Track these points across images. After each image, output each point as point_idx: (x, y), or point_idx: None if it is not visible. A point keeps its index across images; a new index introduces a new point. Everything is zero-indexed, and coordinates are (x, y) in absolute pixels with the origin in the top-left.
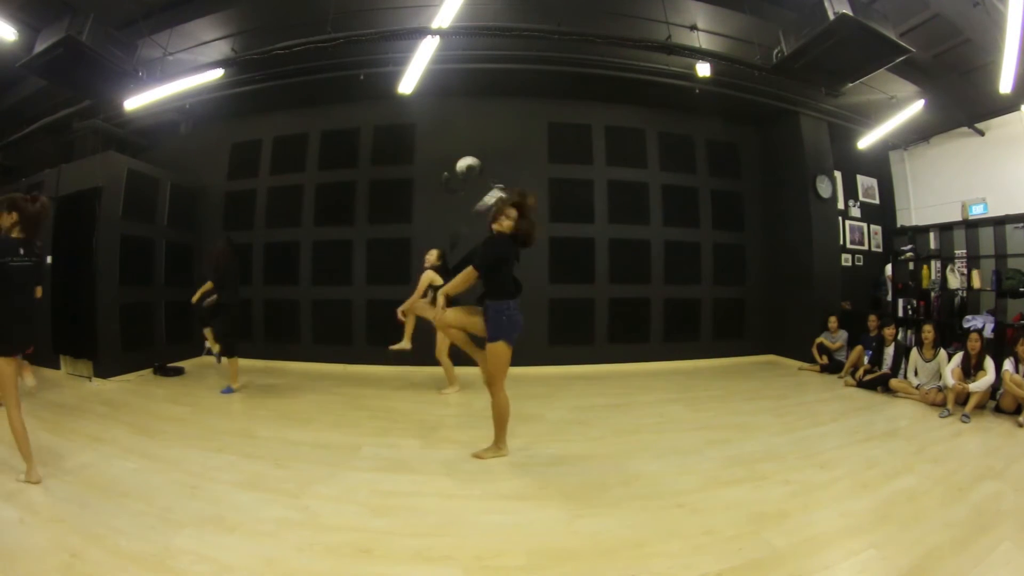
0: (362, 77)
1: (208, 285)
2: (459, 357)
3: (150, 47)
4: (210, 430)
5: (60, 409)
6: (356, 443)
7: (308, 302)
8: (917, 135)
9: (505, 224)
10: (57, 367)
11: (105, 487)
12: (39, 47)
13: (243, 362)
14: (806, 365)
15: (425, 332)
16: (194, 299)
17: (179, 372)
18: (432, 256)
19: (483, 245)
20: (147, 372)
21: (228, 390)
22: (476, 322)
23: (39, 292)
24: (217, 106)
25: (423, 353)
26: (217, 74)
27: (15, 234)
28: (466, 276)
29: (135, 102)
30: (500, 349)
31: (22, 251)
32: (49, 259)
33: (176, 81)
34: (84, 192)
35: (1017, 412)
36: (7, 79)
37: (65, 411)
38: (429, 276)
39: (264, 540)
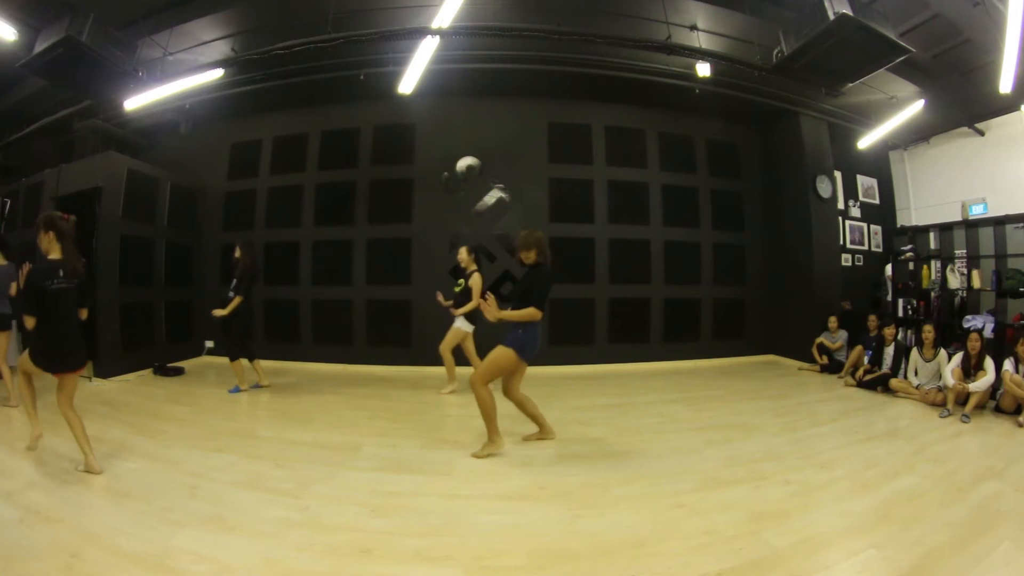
0: (362, 77)
1: (238, 300)
2: (460, 357)
3: (150, 47)
4: (210, 430)
5: (59, 408)
6: (356, 443)
7: (308, 302)
8: (917, 135)
9: (533, 255)
10: None
11: (105, 487)
12: (39, 47)
13: (243, 363)
14: (806, 365)
15: (428, 331)
16: (223, 313)
17: (179, 372)
18: (466, 255)
19: (531, 280)
20: (147, 372)
21: (235, 390)
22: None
23: (84, 314)
24: (217, 106)
25: (423, 353)
26: (217, 74)
27: (53, 254)
28: (530, 315)
29: (135, 102)
30: (503, 354)
31: (62, 273)
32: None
33: (176, 81)
34: (84, 192)
35: (1017, 412)
36: (7, 79)
37: None
38: (479, 278)
39: (264, 540)
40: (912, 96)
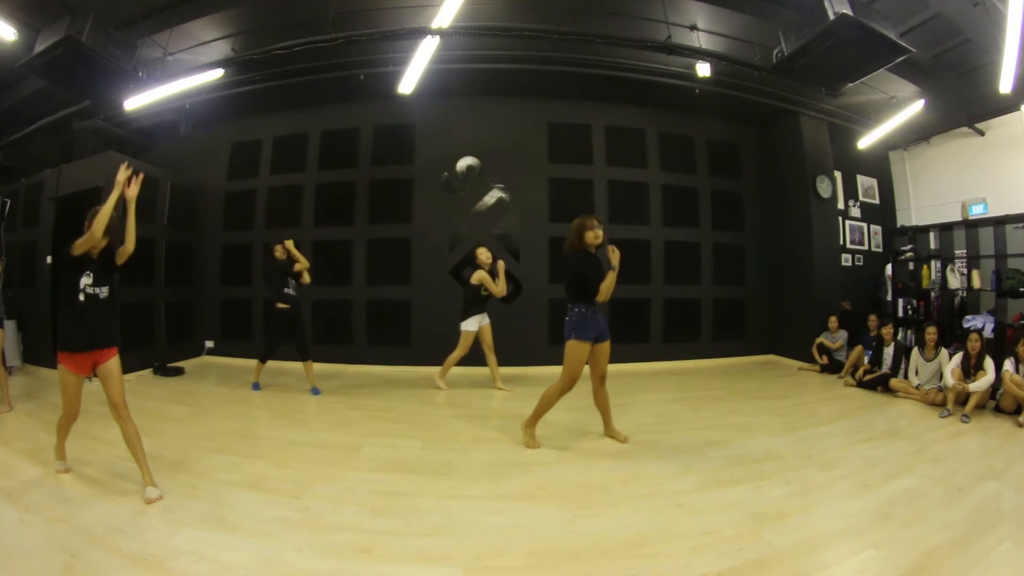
0: (362, 77)
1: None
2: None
3: (150, 47)
4: (210, 430)
5: (60, 409)
6: (356, 443)
7: (308, 302)
8: (917, 135)
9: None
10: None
11: (105, 487)
12: (39, 47)
13: (242, 362)
14: (806, 365)
15: (428, 331)
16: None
17: (179, 372)
18: (487, 256)
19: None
20: (147, 372)
21: (316, 391)
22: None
23: None
24: (217, 106)
25: (423, 353)
26: (217, 74)
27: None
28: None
29: (135, 102)
30: (566, 347)
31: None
32: (49, 259)
33: (176, 81)
34: (84, 192)
35: (1017, 412)
36: (7, 79)
37: None
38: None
39: (264, 540)
40: (912, 96)
